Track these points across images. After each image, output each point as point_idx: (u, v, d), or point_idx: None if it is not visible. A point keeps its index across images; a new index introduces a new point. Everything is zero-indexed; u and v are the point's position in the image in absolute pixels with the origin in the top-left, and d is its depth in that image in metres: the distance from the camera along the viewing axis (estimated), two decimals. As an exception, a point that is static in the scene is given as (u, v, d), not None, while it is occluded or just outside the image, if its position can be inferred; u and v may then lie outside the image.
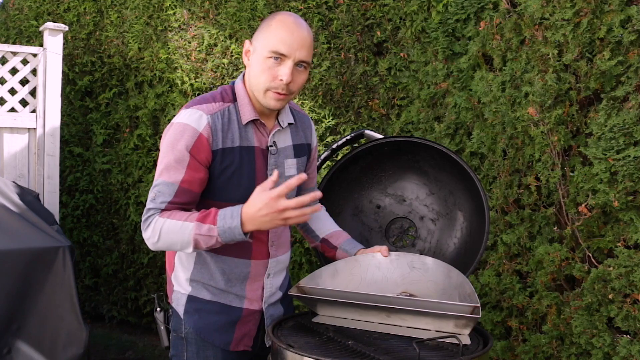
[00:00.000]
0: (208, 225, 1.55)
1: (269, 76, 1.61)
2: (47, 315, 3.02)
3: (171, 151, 1.60)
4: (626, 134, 2.27)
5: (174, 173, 1.60)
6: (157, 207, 1.61)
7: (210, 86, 4.00)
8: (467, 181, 1.99)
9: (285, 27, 1.60)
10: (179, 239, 1.58)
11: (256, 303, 1.78)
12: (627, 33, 2.28)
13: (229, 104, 1.67)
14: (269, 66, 1.61)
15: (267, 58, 1.60)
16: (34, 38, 5.01)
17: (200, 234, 1.56)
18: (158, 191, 1.61)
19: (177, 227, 1.57)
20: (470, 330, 1.59)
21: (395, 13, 3.21)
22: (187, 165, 1.60)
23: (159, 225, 1.59)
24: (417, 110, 3.09)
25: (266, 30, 1.62)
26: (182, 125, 1.61)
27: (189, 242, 1.58)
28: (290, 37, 1.59)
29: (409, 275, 1.77)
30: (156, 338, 4.22)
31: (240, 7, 3.80)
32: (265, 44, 1.60)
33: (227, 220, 1.54)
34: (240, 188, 1.67)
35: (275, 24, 1.61)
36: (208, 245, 1.58)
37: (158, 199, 1.61)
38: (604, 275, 2.35)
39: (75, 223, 4.75)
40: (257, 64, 1.63)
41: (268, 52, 1.60)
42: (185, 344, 1.76)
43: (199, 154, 1.60)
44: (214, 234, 1.55)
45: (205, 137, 1.60)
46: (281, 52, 1.59)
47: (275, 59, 1.60)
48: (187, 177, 1.60)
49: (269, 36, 1.61)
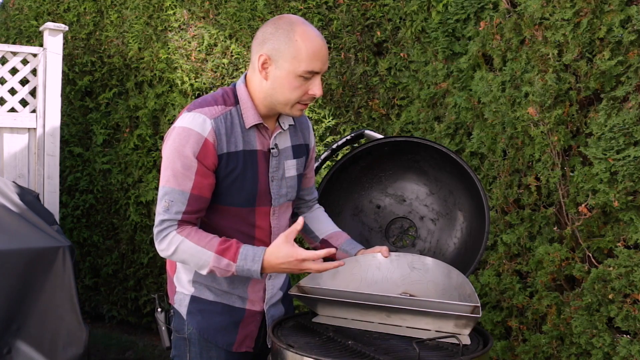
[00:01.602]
0: (227, 261, 1.58)
1: (301, 92, 1.60)
2: (47, 315, 3.02)
3: (177, 157, 1.58)
4: (626, 134, 2.27)
5: (182, 180, 1.58)
6: (172, 218, 1.60)
7: (210, 86, 4.00)
8: (467, 181, 1.99)
9: (314, 43, 1.57)
10: (195, 262, 1.61)
11: (258, 304, 1.78)
12: (627, 33, 2.28)
13: (231, 107, 1.66)
14: (301, 83, 1.59)
15: (298, 77, 1.58)
16: (34, 38, 5.01)
17: (219, 267, 1.59)
18: (170, 200, 1.59)
19: (195, 251, 1.59)
20: (470, 330, 1.59)
21: (395, 13, 3.21)
22: (196, 172, 1.58)
23: (176, 241, 1.59)
24: (417, 110, 3.09)
25: (292, 47, 1.56)
26: (187, 130, 1.58)
27: (203, 267, 1.60)
28: (320, 53, 1.58)
29: (409, 275, 1.77)
30: (156, 338, 4.22)
31: (240, 7, 3.80)
32: (297, 64, 1.56)
33: (247, 262, 1.57)
34: (243, 192, 1.67)
35: (300, 40, 1.56)
36: (224, 275, 1.63)
37: (172, 208, 1.59)
38: (604, 275, 2.35)
39: (75, 223, 4.75)
40: (285, 82, 1.59)
41: (302, 72, 1.57)
42: (188, 345, 1.76)
43: (206, 160, 1.59)
44: (231, 269, 1.59)
45: (210, 142, 1.58)
46: (315, 71, 1.58)
47: (306, 78, 1.59)
48: (196, 184, 1.59)
49: (299, 54, 1.56)
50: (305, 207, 1.99)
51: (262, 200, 1.71)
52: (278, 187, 1.74)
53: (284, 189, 1.76)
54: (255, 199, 1.69)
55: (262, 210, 1.72)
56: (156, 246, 1.64)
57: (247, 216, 1.70)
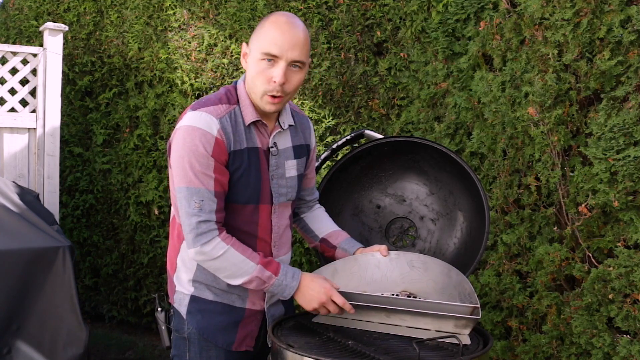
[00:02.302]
0: (270, 274, 1.63)
1: (264, 78, 1.61)
2: (47, 315, 3.01)
3: (194, 157, 1.58)
4: (626, 134, 2.27)
5: (205, 179, 1.59)
6: (209, 218, 1.60)
7: (210, 86, 4.00)
8: (467, 181, 1.98)
9: (277, 27, 1.59)
10: (235, 270, 1.62)
11: (258, 303, 1.78)
12: (627, 33, 2.28)
13: (234, 105, 1.67)
14: (263, 68, 1.60)
15: (260, 60, 1.60)
16: (34, 38, 5.01)
17: (261, 278, 1.63)
18: (200, 200, 1.59)
19: (239, 260, 1.61)
20: (470, 330, 1.59)
21: (395, 13, 3.21)
22: (214, 169, 1.60)
23: (222, 247, 1.60)
24: (417, 110, 3.09)
25: (259, 32, 1.62)
26: (196, 129, 1.59)
27: (241, 276, 1.63)
28: (281, 37, 1.58)
29: (408, 274, 1.77)
30: (156, 338, 4.22)
31: (240, 7, 3.80)
32: (258, 46, 1.60)
33: (287, 278, 1.65)
34: (247, 189, 1.67)
35: (267, 25, 1.61)
36: (256, 288, 1.66)
37: (205, 207, 1.59)
38: (604, 275, 2.35)
39: (75, 223, 4.75)
40: (252, 67, 1.63)
41: (260, 54, 1.59)
42: (187, 344, 1.76)
43: (220, 157, 1.61)
44: (270, 282, 1.64)
45: (221, 140, 1.60)
46: (272, 54, 1.58)
47: (268, 61, 1.59)
48: (217, 181, 1.61)
49: (261, 38, 1.60)
50: (305, 207, 1.99)
51: (264, 197, 1.72)
52: (278, 186, 1.74)
53: (284, 188, 1.76)
54: (259, 196, 1.70)
55: (264, 208, 1.73)
56: (195, 249, 1.60)
57: (251, 214, 1.70)
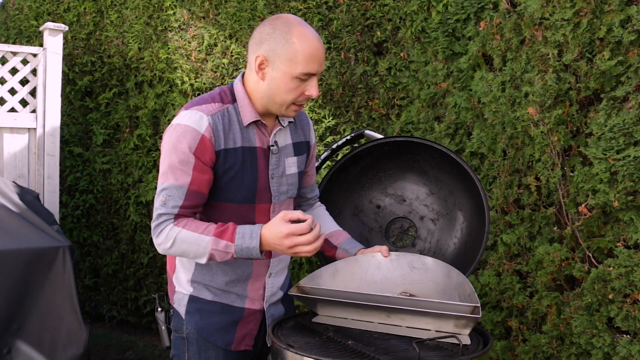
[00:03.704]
0: (225, 242, 1.57)
1: (297, 94, 1.61)
2: (47, 315, 3.02)
3: (175, 153, 1.59)
4: (626, 134, 2.27)
5: (180, 175, 1.59)
6: (169, 212, 1.60)
7: (210, 86, 4.00)
8: (467, 181, 1.99)
9: (311, 44, 1.57)
10: (194, 250, 1.59)
11: (258, 303, 1.78)
12: (627, 33, 2.28)
13: (228, 105, 1.67)
14: (297, 85, 1.59)
15: (295, 78, 1.58)
16: (34, 38, 5.01)
17: (217, 249, 1.57)
18: (168, 195, 1.60)
19: (193, 239, 1.58)
20: (470, 330, 1.59)
21: (395, 13, 3.21)
22: (193, 167, 1.59)
23: (173, 233, 1.59)
24: (417, 110, 3.09)
25: (289, 48, 1.56)
26: (183, 126, 1.60)
27: (203, 255, 1.59)
28: (317, 54, 1.58)
29: (409, 275, 1.77)
30: (156, 338, 4.22)
31: (240, 7, 3.80)
32: (294, 66, 1.56)
33: (245, 240, 1.56)
34: (242, 188, 1.67)
35: (297, 41, 1.56)
36: (222, 260, 1.60)
37: (169, 203, 1.60)
38: (604, 275, 2.35)
39: (75, 223, 4.75)
40: (282, 83, 1.59)
41: (299, 74, 1.57)
42: (186, 344, 1.76)
43: (204, 155, 1.60)
44: (230, 250, 1.57)
45: (207, 137, 1.59)
46: (312, 72, 1.59)
47: (303, 79, 1.59)
48: (194, 179, 1.60)
49: (296, 56, 1.56)
50: (306, 205, 1.99)
51: (262, 197, 1.71)
52: (278, 185, 1.74)
53: (285, 186, 1.76)
54: (255, 196, 1.69)
55: (262, 207, 1.72)
56: (155, 241, 1.63)
57: (247, 213, 1.70)
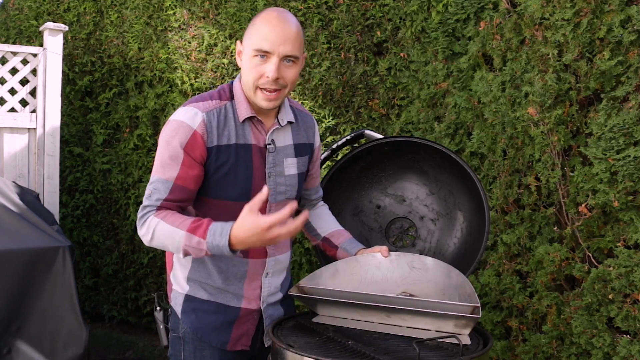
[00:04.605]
0: (198, 239, 1.54)
1: (256, 74, 1.62)
2: (47, 315, 3.02)
3: (166, 148, 1.62)
4: (626, 134, 2.27)
5: (168, 170, 1.61)
6: (152, 204, 1.62)
7: (210, 86, 4.00)
8: (467, 181, 1.98)
9: (268, 23, 1.61)
10: (170, 243, 1.59)
11: (254, 302, 1.78)
12: (627, 33, 2.28)
13: (225, 102, 1.68)
14: (255, 64, 1.62)
15: (252, 57, 1.62)
16: (34, 38, 5.01)
17: (190, 245, 1.55)
18: (154, 188, 1.62)
19: (169, 231, 1.57)
20: (470, 330, 1.59)
21: (395, 13, 3.21)
22: (182, 163, 1.61)
23: (152, 224, 1.60)
24: (417, 110, 3.09)
25: (251, 29, 1.64)
26: (178, 122, 1.62)
27: (179, 249, 1.59)
28: (273, 32, 1.59)
29: (409, 275, 1.77)
30: (156, 338, 4.21)
31: (240, 7, 3.80)
32: (250, 43, 1.62)
33: (215, 238, 1.52)
34: (236, 186, 1.67)
35: (259, 21, 1.63)
36: (199, 256, 1.58)
37: (153, 196, 1.62)
38: (604, 275, 2.35)
39: (75, 223, 4.75)
40: (246, 64, 1.65)
41: (253, 51, 1.61)
42: (182, 344, 1.76)
43: (193, 151, 1.61)
44: (203, 247, 1.54)
45: (199, 134, 1.61)
46: (264, 50, 1.60)
47: (260, 57, 1.61)
48: (181, 174, 1.61)
49: (253, 34, 1.62)
50: (309, 205, 1.99)
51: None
52: (275, 184, 1.73)
53: (283, 186, 1.75)
54: (250, 194, 1.68)
55: None
56: (138, 233, 1.64)
57: (241, 211, 1.69)
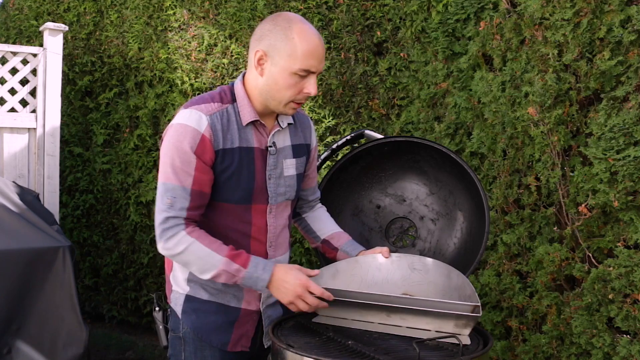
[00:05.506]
0: (237, 266, 1.59)
1: (295, 91, 1.61)
2: (47, 315, 3.02)
3: (176, 154, 1.59)
4: (626, 134, 2.27)
5: (183, 176, 1.59)
6: (178, 214, 1.59)
7: (210, 86, 4.00)
8: (467, 181, 1.98)
9: (310, 41, 1.58)
10: (201, 264, 1.60)
11: (254, 303, 1.78)
12: (627, 33, 2.28)
13: (227, 104, 1.67)
14: (296, 82, 1.60)
15: (293, 74, 1.59)
16: (34, 38, 5.01)
17: (228, 271, 1.59)
18: (173, 197, 1.59)
19: (205, 254, 1.59)
20: (470, 330, 1.59)
21: (395, 13, 3.20)
22: (195, 168, 1.59)
23: (185, 241, 1.59)
24: (417, 110, 3.09)
25: (288, 44, 1.57)
26: (183, 126, 1.59)
27: (210, 271, 1.60)
28: (317, 52, 1.59)
29: (409, 276, 1.77)
30: (156, 338, 4.19)
31: (240, 7, 3.80)
32: (293, 61, 1.57)
33: (258, 270, 1.60)
34: (238, 189, 1.67)
35: (297, 38, 1.57)
36: (226, 282, 1.63)
37: (176, 205, 1.59)
38: (604, 275, 2.35)
39: (75, 223, 4.75)
40: (280, 79, 1.60)
41: (297, 70, 1.58)
42: (183, 344, 1.76)
43: (204, 155, 1.60)
44: (240, 275, 1.60)
45: (207, 137, 1.59)
46: (312, 70, 1.59)
47: (301, 76, 1.59)
48: (196, 180, 1.60)
49: (295, 52, 1.57)
50: (307, 207, 1.99)
51: (258, 198, 1.71)
52: (276, 186, 1.74)
53: (282, 187, 1.76)
54: (251, 197, 1.69)
55: (258, 208, 1.72)
56: (160, 244, 1.61)
57: (243, 213, 1.69)
